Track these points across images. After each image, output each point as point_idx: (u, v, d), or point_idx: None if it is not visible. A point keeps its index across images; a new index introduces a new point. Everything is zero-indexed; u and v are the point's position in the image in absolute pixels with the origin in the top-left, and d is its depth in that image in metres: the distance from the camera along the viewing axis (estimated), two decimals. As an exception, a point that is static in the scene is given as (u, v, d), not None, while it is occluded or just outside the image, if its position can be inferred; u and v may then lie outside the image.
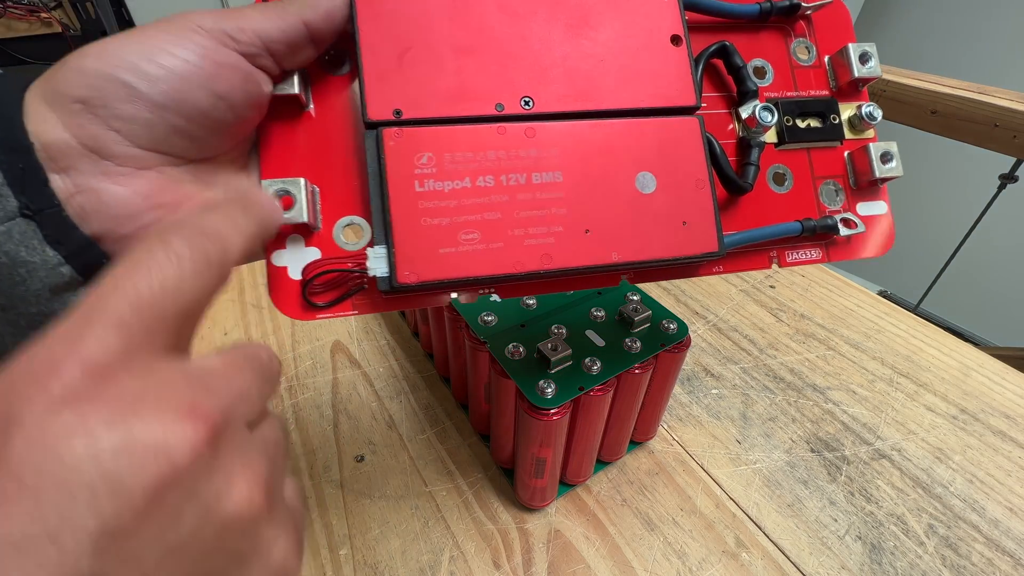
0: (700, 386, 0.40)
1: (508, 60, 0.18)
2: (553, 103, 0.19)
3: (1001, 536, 0.31)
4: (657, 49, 0.19)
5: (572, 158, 0.18)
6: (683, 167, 0.19)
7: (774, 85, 0.22)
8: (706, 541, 0.30)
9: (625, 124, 0.19)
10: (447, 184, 0.17)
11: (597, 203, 0.18)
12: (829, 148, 0.22)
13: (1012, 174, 0.85)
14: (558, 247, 0.18)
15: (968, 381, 0.40)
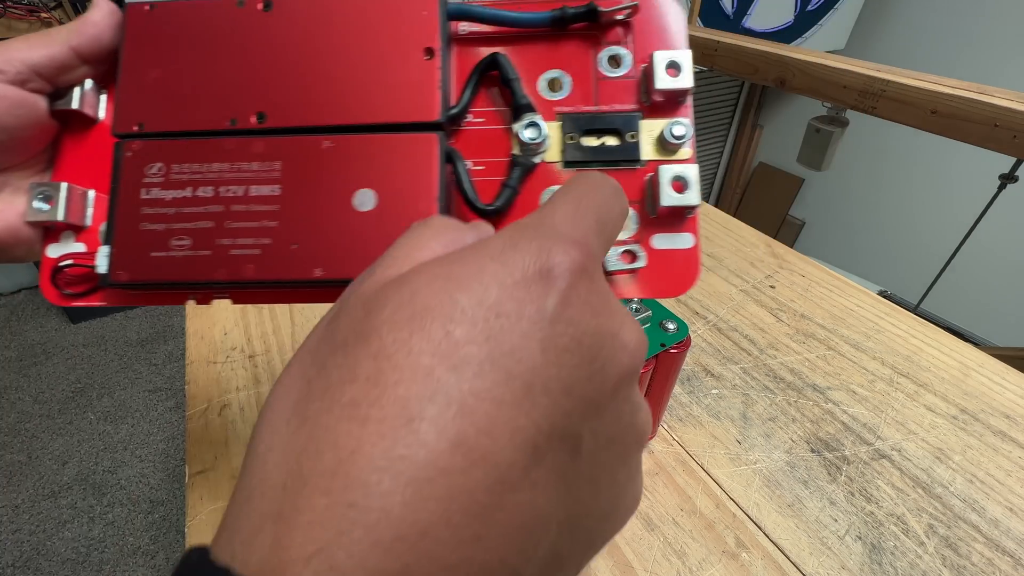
0: (700, 386, 0.40)
1: (249, 77, 0.19)
2: (288, 118, 0.19)
3: (1001, 536, 0.31)
4: (406, 63, 0.19)
5: (293, 173, 0.19)
6: (411, 185, 0.18)
7: (570, 99, 0.20)
8: (706, 541, 0.30)
9: (355, 140, 0.19)
10: (169, 193, 0.19)
11: (308, 218, 0.18)
12: (627, 171, 0.19)
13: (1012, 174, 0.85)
14: (263, 259, 0.18)
15: (968, 381, 0.40)
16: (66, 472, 1.28)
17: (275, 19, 0.19)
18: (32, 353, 1.59)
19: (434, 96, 0.19)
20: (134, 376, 1.53)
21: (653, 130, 0.19)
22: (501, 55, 0.20)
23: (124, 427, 1.39)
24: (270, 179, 0.19)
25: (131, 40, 0.19)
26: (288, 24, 0.19)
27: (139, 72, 0.19)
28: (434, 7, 0.19)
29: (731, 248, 0.56)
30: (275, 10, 0.19)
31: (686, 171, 0.19)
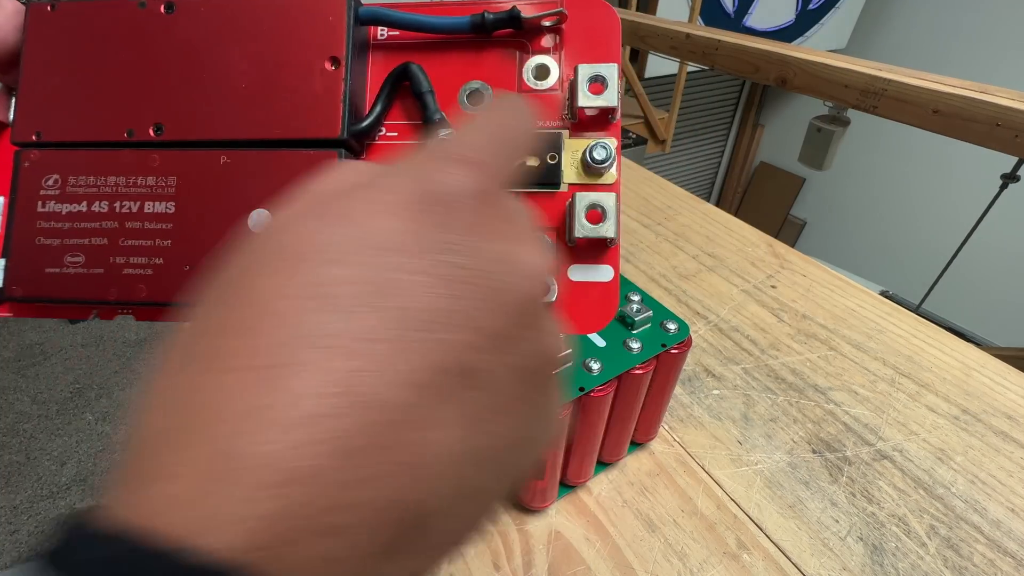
0: (701, 387, 0.40)
1: (148, 85, 0.18)
2: (185, 131, 0.18)
3: (1003, 537, 0.31)
4: (310, 72, 0.17)
5: (188, 190, 0.18)
6: None
7: None
8: (707, 542, 0.30)
9: (253, 156, 0.18)
10: (65, 207, 0.18)
11: (202, 239, 0.18)
12: (547, 194, 0.18)
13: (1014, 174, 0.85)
14: (155, 280, 0.18)
15: (970, 381, 0.40)
16: (65, 473, 1.28)
17: (177, 23, 0.18)
18: (30, 353, 1.59)
19: (336, 110, 0.17)
20: (133, 376, 1.53)
21: (577, 151, 0.18)
22: (413, 65, 0.18)
23: (124, 427, 1.39)
24: (165, 195, 0.18)
25: (32, 43, 0.18)
26: (190, 29, 0.18)
27: (39, 77, 0.18)
28: (341, 12, 0.17)
29: (732, 248, 0.56)
30: (177, 13, 0.18)
31: (604, 200, 0.17)
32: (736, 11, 2.01)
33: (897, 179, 2.38)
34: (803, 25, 2.19)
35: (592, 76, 0.17)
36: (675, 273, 0.52)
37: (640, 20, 1.11)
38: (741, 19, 2.04)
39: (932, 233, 2.31)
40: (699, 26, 1.06)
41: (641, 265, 0.53)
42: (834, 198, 2.69)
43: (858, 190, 2.55)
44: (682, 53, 1.02)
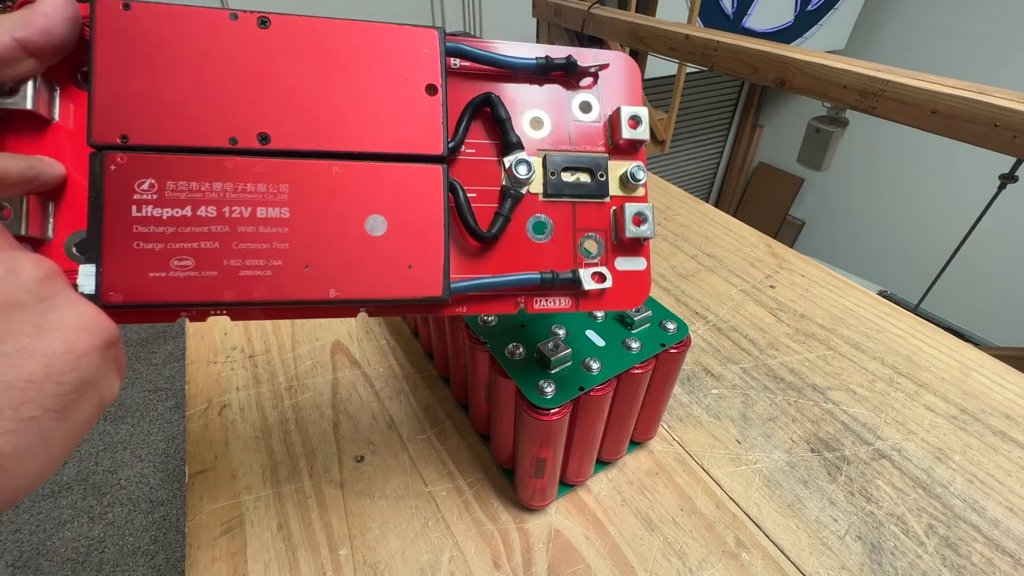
0: (700, 386, 0.40)
1: (249, 95, 0.18)
2: (292, 141, 0.19)
3: (1001, 536, 0.31)
4: (411, 97, 0.20)
5: (302, 196, 0.19)
6: (418, 213, 0.20)
7: (550, 139, 0.22)
8: (706, 541, 0.30)
9: (364, 167, 0.19)
10: (166, 211, 0.18)
11: (321, 241, 0.19)
12: (596, 203, 0.22)
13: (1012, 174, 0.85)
14: (275, 280, 0.18)
15: (968, 381, 0.40)
16: (66, 472, 1.28)
17: (272, 39, 0.19)
18: (32, 353, 1.59)
19: (438, 131, 0.20)
20: (134, 376, 1.53)
21: (617, 170, 0.23)
22: (495, 96, 0.21)
23: (124, 427, 1.39)
24: (278, 201, 0.19)
25: (104, 40, 0.17)
26: (286, 45, 0.19)
27: (117, 77, 0.18)
28: (435, 46, 0.20)
29: (731, 248, 0.56)
30: (272, 29, 0.19)
31: (644, 209, 0.22)
32: (735, 12, 2.01)
33: (895, 179, 2.39)
34: (802, 26, 2.19)
35: (632, 115, 0.22)
36: (674, 273, 0.52)
37: (639, 21, 1.11)
38: (740, 20, 2.04)
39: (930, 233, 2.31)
40: (698, 27, 1.06)
41: (640, 265, 0.53)
42: (833, 198, 2.70)
43: (857, 190, 2.55)
44: (681, 54, 1.02)
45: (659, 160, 2.90)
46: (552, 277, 0.21)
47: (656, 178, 0.70)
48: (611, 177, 0.22)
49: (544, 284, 0.21)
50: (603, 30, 1.20)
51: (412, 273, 0.20)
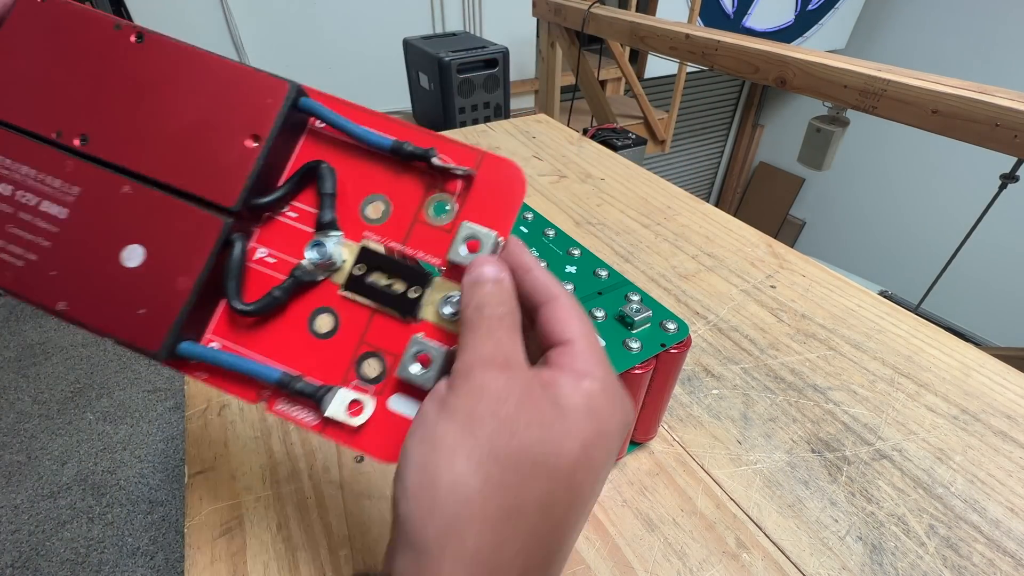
0: (701, 386, 0.40)
1: (93, 97, 0.19)
2: (106, 150, 0.19)
3: (1002, 537, 0.31)
4: (231, 142, 0.19)
5: (85, 203, 0.19)
6: (179, 259, 0.19)
7: (383, 228, 0.19)
8: (707, 542, 0.30)
9: (152, 195, 0.19)
10: None
11: (76, 253, 0.19)
12: (399, 321, 0.19)
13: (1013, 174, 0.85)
14: (21, 272, 0.19)
15: (969, 381, 0.40)
16: (65, 472, 1.27)
17: (140, 54, 0.19)
18: (31, 353, 1.59)
19: (239, 183, 0.19)
20: (133, 376, 1.53)
21: (440, 293, 0.19)
22: (325, 165, 0.19)
23: (123, 427, 1.39)
24: (63, 201, 0.19)
25: (13, 22, 0.19)
26: (149, 63, 0.19)
27: (5, 54, 0.19)
28: (280, 98, 0.19)
29: (731, 248, 0.56)
30: (144, 45, 0.19)
31: (435, 350, 0.18)
32: (735, 12, 2.01)
33: (896, 179, 2.39)
34: (802, 25, 2.19)
35: (471, 235, 0.18)
36: (674, 273, 0.52)
37: (640, 21, 1.11)
38: (740, 20, 2.04)
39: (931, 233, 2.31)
40: (698, 27, 1.06)
41: (640, 265, 0.53)
42: (833, 198, 2.70)
43: (857, 190, 2.55)
44: (681, 54, 1.02)
45: (659, 160, 2.90)
46: (289, 381, 0.18)
47: (656, 177, 0.70)
48: (430, 299, 0.19)
49: (280, 386, 0.18)
50: (603, 30, 1.20)
51: (140, 317, 0.19)
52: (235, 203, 0.19)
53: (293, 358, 0.19)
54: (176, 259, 0.19)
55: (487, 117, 1.34)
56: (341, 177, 0.20)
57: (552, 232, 0.37)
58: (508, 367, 0.16)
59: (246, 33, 1.57)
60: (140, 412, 1.43)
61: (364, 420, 0.18)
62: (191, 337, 0.19)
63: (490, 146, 0.79)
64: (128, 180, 0.19)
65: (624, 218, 0.61)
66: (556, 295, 0.18)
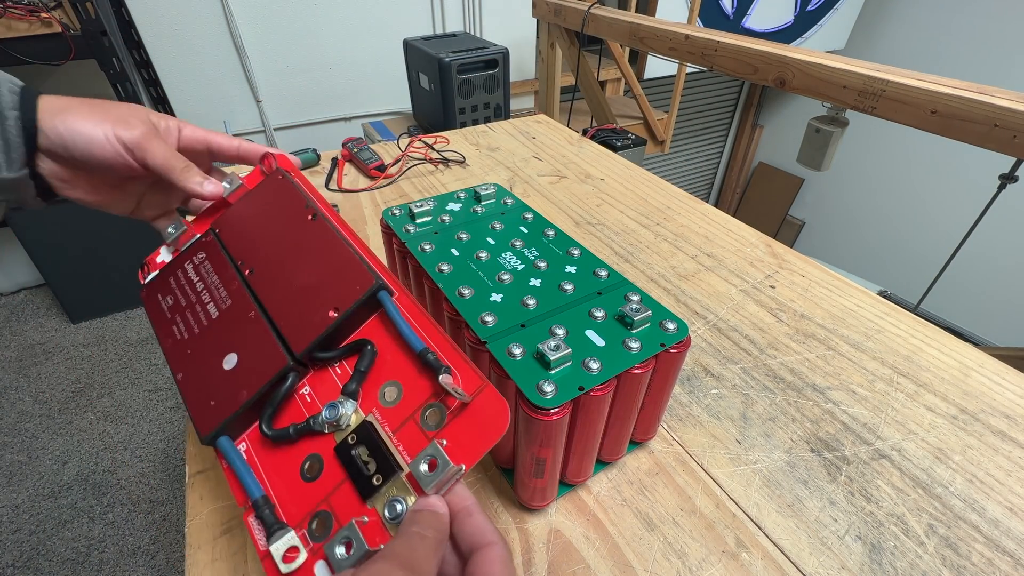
0: (700, 386, 0.40)
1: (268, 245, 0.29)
2: (257, 284, 0.28)
3: (1001, 536, 0.31)
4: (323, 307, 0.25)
5: (229, 314, 0.28)
6: (250, 376, 0.25)
7: (389, 413, 0.23)
8: (706, 541, 0.30)
9: (260, 324, 0.26)
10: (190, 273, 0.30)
11: (207, 344, 0.27)
12: (358, 499, 0.21)
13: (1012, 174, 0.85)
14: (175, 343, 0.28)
15: (968, 381, 0.40)
16: (66, 472, 1.28)
17: (308, 227, 0.28)
18: (32, 353, 1.59)
19: (309, 339, 0.25)
20: (134, 376, 1.53)
21: (395, 491, 0.21)
22: (371, 347, 0.24)
23: (124, 427, 1.39)
24: (220, 306, 0.28)
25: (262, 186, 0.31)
26: (308, 234, 0.28)
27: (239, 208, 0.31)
28: (365, 288, 0.25)
29: (731, 248, 0.56)
30: (314, 223, 0.28)
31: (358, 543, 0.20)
32: (735, 12, 2.01)
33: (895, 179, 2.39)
34: (802, 26, 2.19)
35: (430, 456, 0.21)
36: (674, 273, 0.52)
37: (639, 21, 1.11)
38: (740, 20, 2.04)
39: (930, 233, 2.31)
40: (698, 27, 1.06)
41: (640, 265, 0.53)
42: (833, 198, 2.70)
43: (857, 190, 2.55)
44: (681, 54, 1.02)
45: (659, 160, 2.90)
46: (262, 505, 0.22)
47: (655, 177, 0.71)
48: (386, 492, 0.21)
49: (255, 506, 0.22)
50: (603, 30, 1.20)
51: (210, 407, 0.25)
52: (300, 353, 0.25)
53: (280, 484, 0.23)
54: (249, 375, 0.25)
55: (487, 117, 1.34)
56: (381, 353, 0.24)
57: (552, 232, 0.37)
58: (412, 571, 0.17)
59: (246, 33, 1.57)
60: (141, 412, 1.43)
61: (291, 570, 0.21)
62: (232, 434, 0.25)
63: (490, 146, 0.80)
64: (256, 307, 0.27)
65: (624, 218, 0.61)
66: (493, 541, 0.20)
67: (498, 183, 0.43)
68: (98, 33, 1.15)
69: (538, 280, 0.32)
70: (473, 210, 0.40)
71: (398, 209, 0.40)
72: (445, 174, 0.72)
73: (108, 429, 1.38)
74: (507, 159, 0.76)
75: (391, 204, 0.60)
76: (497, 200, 0.41)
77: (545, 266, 0.34)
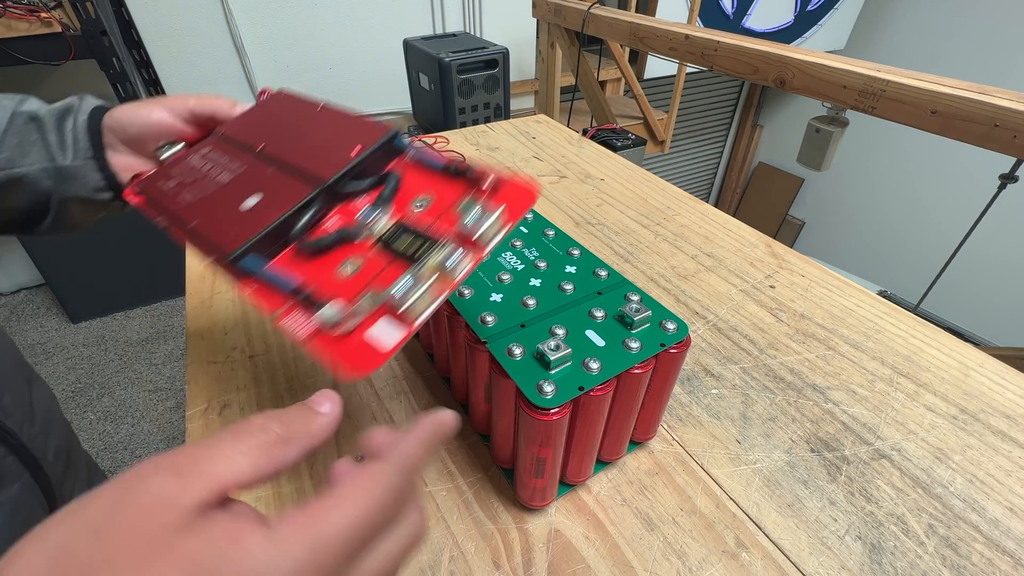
0: (700, 386, 0.40)
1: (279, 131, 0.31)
2: (272, 152, 0.30)
3: (1001, 536, 0.31)
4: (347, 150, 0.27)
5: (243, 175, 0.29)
6: (274, 205, 0.26)
7: (420, 216, 0.25)
8: (706, 541, 0.30)
9: (279, 174, 0.28)
10: (197, 162, 0.32)
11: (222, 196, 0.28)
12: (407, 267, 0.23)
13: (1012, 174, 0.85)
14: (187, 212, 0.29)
15: (968, 381, 0.40)
16: (66, 472, 1.27)
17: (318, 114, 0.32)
18: (32, 353, 1.59)
19: (339, 168, 0.27)
20: (134, 376, 1.53)
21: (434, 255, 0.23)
22: (394, 173, 0.27)
23: (124, 427, 1.39)
24: (231, 171, 0.30)
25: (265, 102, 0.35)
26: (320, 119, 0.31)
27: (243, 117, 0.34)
28: (383, 132, 0.28)
29: (731, 248, 0.56)
30: (323, 110, 0.32)
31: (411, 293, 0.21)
32: (735, 12, 2.01)
33: (895, 179, 2.39)
34: (802, 26, 2.19)
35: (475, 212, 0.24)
36: (674, 273, 0.52)
37: (639, 21, 1.11)
38: (740, 20, 2.04)
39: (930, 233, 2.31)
40: (698, 27, 1.06)
41: (640, 265, 0.53)
42: (833, 198, 2.70)
43: (857, 190, 2.55)
44: (681, 54, 1.02)
45: (659, 160, 2.90)
46: (296, 289, 0.22)
47: (655, 177, 0.70)
48: (434, 260, 0.23)
49: (293, 294, 0.23)
50: (603, 30, 1.20)
51: (232, 233, 0.25)
52: (329, 179, 0.26)
53: (318, 285, 0.23)
54: (273, 205, 0.26)
55: (487, 118, 1.34)
56: (405, 184, 0.27)
57: (552, 232, 0.37)
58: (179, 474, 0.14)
59: (246, 33, 1.57)
60: (141, 412, 1.43)
61: (345, 331, 0.21)
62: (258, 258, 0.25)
63: (490, 146, 0.80)
64: (271, 167, 0.29)
65: (624, 218, 0.61)
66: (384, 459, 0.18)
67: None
68: (98, 33, 1.15)
69: (538, 280, 0.32)
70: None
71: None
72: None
73: (108, 429, 1.38)
74: (507, 159, 0.76)
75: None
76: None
77: (545, 266, 0.34)
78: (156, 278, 1.73)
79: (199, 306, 0.48)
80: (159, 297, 1.79)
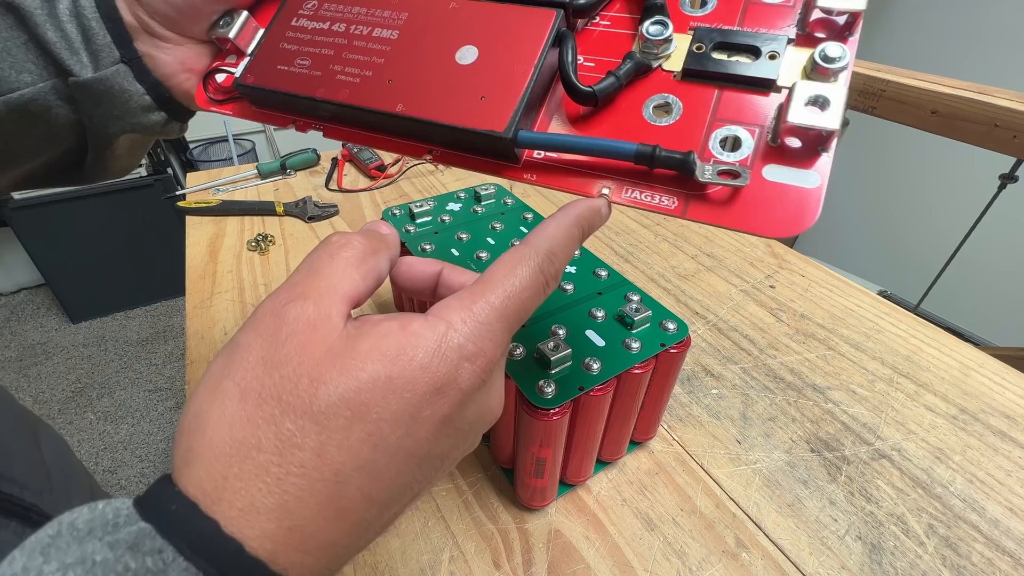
0: (700, 386, 0.40)
1: None
2: None
3: (1001, 536, 0.31)
4: None
5: (415, 24, 0.21)
6: (514, 51, 0.19)
7: (711, 16, 0.19)
8: (706, 541, 0.30)
9: (480, 5, 0.20)
10: (312, 23, 0.22)
11: (412, 61, 0.20)
12: (752, 93, 0.17)
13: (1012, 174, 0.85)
14: (359, 87, 0.20)
15: (968, 381, 0.40)
16: (66, 472, 1.27)
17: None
18: (32, 353, 1.59)
19: None
20: (134, 376, 1.53)
21: (800, 60, 0.17)
22: None
23: (124, 427, 1.39)
24: (393, 25, 0.21)
25: None
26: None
27: None
28: None
29: (731, 248, 0.56)
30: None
31: (828, 91, 0.16)
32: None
33: (895, 179, 2.39)
34: (802, 26, 2.19)
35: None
36: (674, 273, 0.52)
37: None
38: (740, 20, 2.04)
39: (930, 233, 2.31)
40: (698, 27, 1.06)
41: (640, 265, 0.53)
42: (833, 198, 2.70)
43: (856, 190, 2.55)
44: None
45: (659, 160, 2.90)
46: (652, 151, 0.16)
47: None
48: (788, 63, 0.17)
49: (640, 159, 0.17)
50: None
51: (481, 105, 0.18)
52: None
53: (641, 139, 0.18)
54: (512, 52, 0.19)
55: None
56: None
57: (552, 232, 0.37)
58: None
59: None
60: (141, 412, 1.43)
61: (742, 183, 0.16)
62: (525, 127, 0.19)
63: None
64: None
65: (624, 218, 0.61)
66: None
67: (498, 183, 0.43)
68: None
69: (538, 280, 0.32)
70: (473, 210, 0.40)
71: (398, 209, 0.40)
72: (445, 174, 0.72)
73: (108, 429, 1.38)
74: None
75: (391, 204, 0.60)
76: (497, 200, 0.41)
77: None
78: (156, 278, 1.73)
79: (199, 306, 0.48)
80: (159, 297, 1.79)
